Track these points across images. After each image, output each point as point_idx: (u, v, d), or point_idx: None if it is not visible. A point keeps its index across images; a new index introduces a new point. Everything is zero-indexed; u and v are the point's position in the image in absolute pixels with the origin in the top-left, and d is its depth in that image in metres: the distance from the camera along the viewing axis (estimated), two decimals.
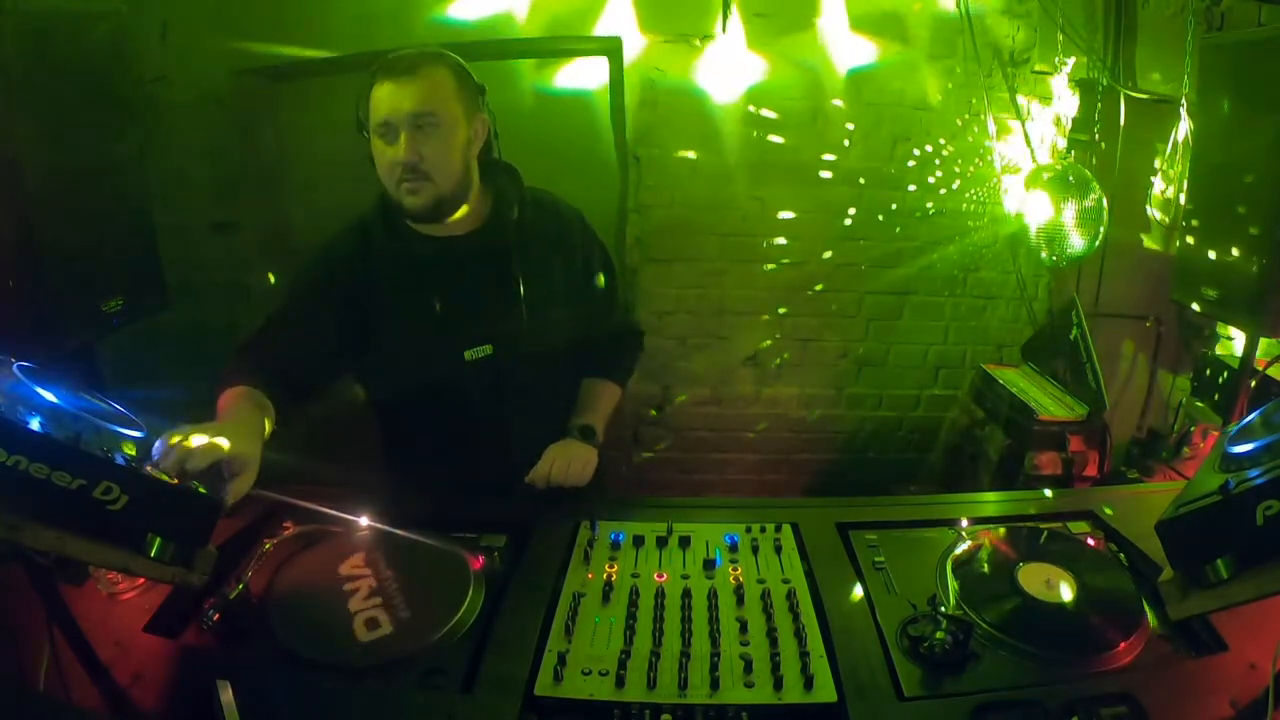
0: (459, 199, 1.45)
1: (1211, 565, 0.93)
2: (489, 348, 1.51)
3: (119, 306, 1.81)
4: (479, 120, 1.45)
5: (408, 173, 1.38)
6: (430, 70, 1.37)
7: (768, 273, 3.08)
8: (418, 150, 1.36)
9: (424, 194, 1.40)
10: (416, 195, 1.39)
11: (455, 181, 1.42)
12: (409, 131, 1.36)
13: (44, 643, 0.95)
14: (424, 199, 1.40)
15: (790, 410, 3.27)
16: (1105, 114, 2.78)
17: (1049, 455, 2.48)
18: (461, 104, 1.41)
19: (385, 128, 1.37)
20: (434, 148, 1.37)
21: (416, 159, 1.36)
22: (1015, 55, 2.89)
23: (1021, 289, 3.13)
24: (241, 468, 1.08)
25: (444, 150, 1.38)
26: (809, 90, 2.89)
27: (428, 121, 1.36)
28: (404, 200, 1.41)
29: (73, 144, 1.71)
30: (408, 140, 1.36)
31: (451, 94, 1.39)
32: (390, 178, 1.40)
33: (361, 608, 1.14)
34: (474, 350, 1.51)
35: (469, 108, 1.43)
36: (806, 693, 1.00)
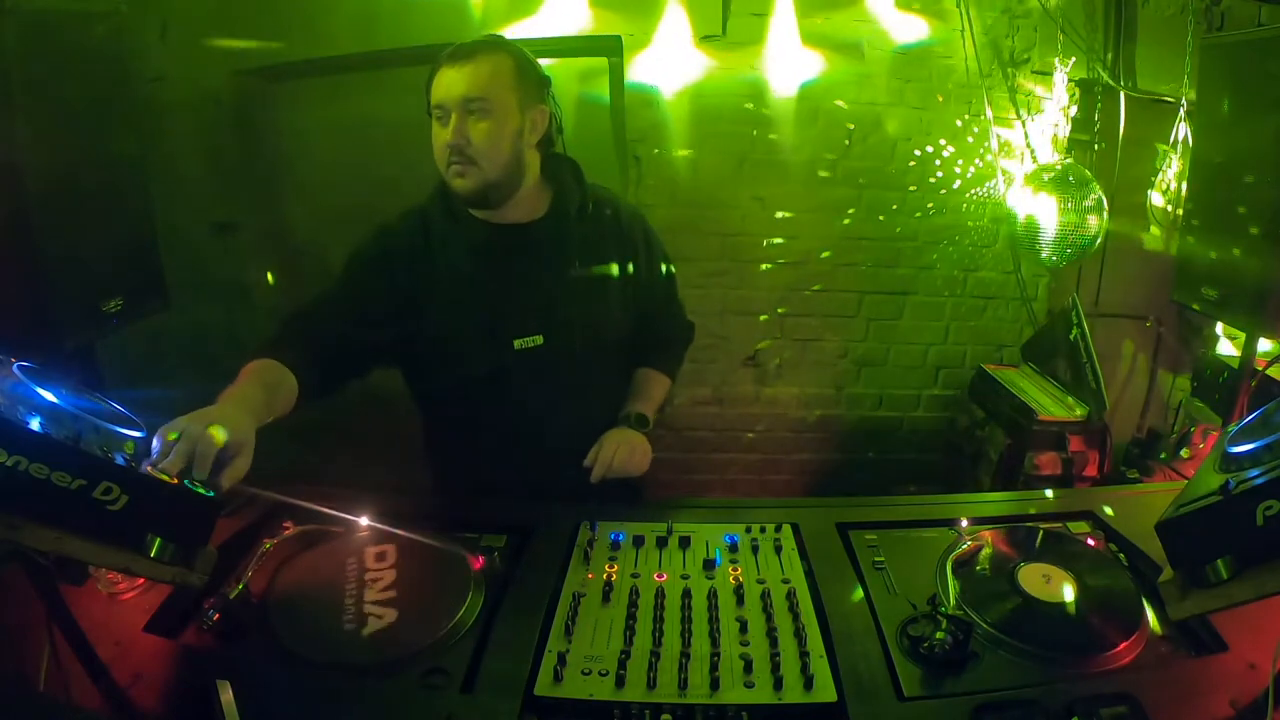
0: (509, 186, 1.46)
1: (1211, 565, 0.93)
2: (539, 338, 1.51)
3: (119, 306, 1.81)
4: (537, 111, 1.46)
5: (455, 155, 1.40)
6: (487, 57, 1.39)
7: (767, 273, 3.08)
8: (465, 134, 1.39)
9: (470, 178, 1.41)
10: (463, 178, 1.41)
11: (503, 168, 1.43)
12: (459, 115, 1.38)
13: (44, 643, 0.95)
14: (471, 182, 1.41)
15: (790, 410, 3.27)
16: (1105, 114, 2.78)
17: (1049, 455, 2.48)
18: (516, 93, 1.42)
19: (439, 110, 1.40)
20: (482, 133, 1.39)
21: (464, 142, 1.39)
22: (1015, 55, 2.89)
23: (1021, 289, 3.13)
24: (236, 451, 1.07)
25: (493, 136, 1.40)
26: (809, 90, 2.89)
27: (479, 107, 1.38)
28: (452, 183, 1.43)
29: (73, 144, 1.71)
30: (457, 123, 1.38)
31: (507, 82, 1.40)
32: (441, 160, 1.42)
33: (361, 608, 1.14)
34: (524, 339, 1.51)
35: (525, 97, 1.43)
36: (806, 693, 1.00)
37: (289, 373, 1.33)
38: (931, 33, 2.87)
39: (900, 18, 2.85)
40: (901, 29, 2.86)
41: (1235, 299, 2.02)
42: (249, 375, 1.29)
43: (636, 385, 1.71)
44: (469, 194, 1.43)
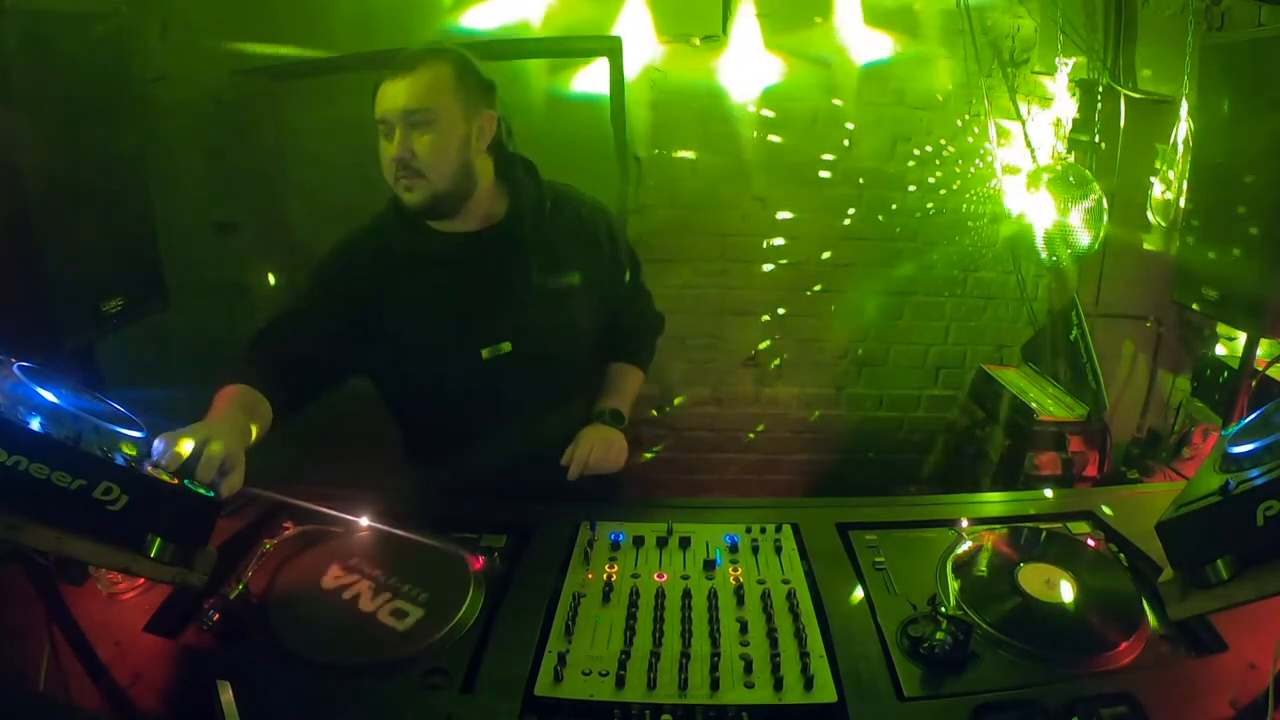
0: (459, 196, 1.44)
1: (1211, 565, 0.93)
2: (507, 345, 1.50)
3: (119, 306, 1.81)
4: (483, 117, 1.43)
5: (402, 169, 1.38)
6: (428, 67, 1.37)
7: (767, 273, 3.08)
8: (410, 147, 1.36)
9: (419, 190, 1.39)
10: (412, 192, 1.40)
11: (451, 179, 1.41)
12: (403, 128, 1.36)
13: (44, 643, 0.95)
14: (419, 195, 1.40)
15: (790, 410, 3.27)
16: (1105, 114, 2.78)
17: (1049, 455, 2.48)
18: (460, 101, 1.39)
19: (383, 124, 1.38)
20: (427, 145, 1.37)
21: (408, 155, 1.37)
22: (1015, 55, 2.89)
23: (1021, 289, 3.13)
24: (232, 465, 1.07)
25: (438, 147, 1.38)
26: (809, 90, 2.89)
27: (421, 118, 1.36)
28: (402, 196, 1.41)
29: (73, 144, 1.71)
30: (401, 137, 1.36)
31: (448, 90, 1.38)
32: (389, 174, 1.41)
33: (361, 608, 1.14)
34: (492, 348, 1.49)
35: (470, 104, 1.41)
36: (806, 693, 1.00)
37: (262, 396, 1.32)
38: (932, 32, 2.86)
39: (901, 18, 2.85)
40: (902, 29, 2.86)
41: (1235, 299, 2.02)
42: (228, 401, 1.28)
43: (609, 381, 1.70)
44: (418, 207, 1.41)
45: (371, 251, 1.49)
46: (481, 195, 1.47)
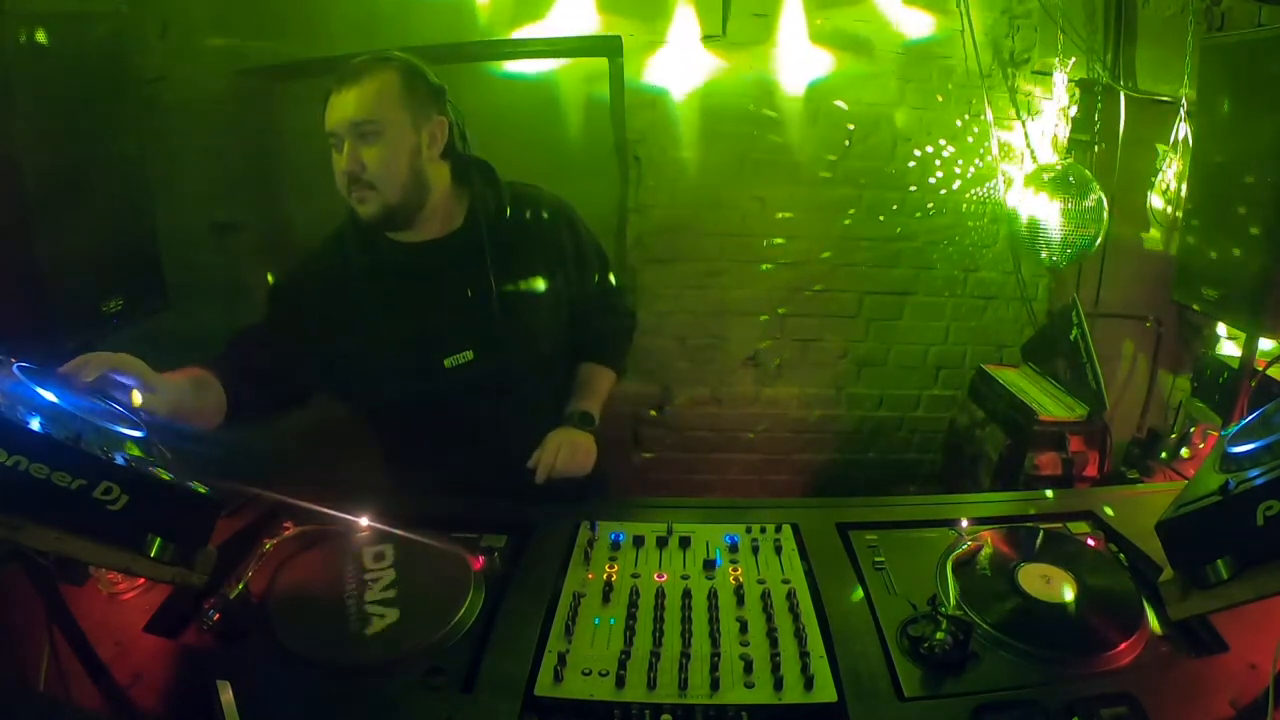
0: (413, 205, 1.42)
1: (1211, 565, 0.93)
2: (469, 354, 1.48)
3: (119, 306, 1.81)
4: (434, 123, 1.41)
5: (353, 183, 1.37)
6: (374, 77, 1.35)
7: (767, 272, 3.08)
8: (359, 160, 1.35)
9: (371, 203, 1.38)
10: (365, 204, 1.38)
11: (403, 189, 1.39)
12: (352, 140, 1.34)
13: (44, 643, 0.95)
14: (372, 208, 1.38)
15: (790, 410, 3.27)
16: (1105, 114, 2.78)
17: (1049, 455, 2.48)
18: (409, 109, 1.37)
19: (333, 137, 1.37)
20: (376, 157, 1.35)
21: (358, 168, 1.35)
22: (1015, 55, 2.89)
23: (1021, 289, 3.13)
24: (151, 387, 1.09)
25: (387, 159, 1.36)
26: (809, 90, 2.89)
27: (369, 130, 1.34)
28: (356, 209, 1.40)
29: (73, 144, 1.71)
30: (350, 150, 1.35)
31: (395, 100, 1.36)
32: (341, 187, 1.39)
33: (361, 608, 1.14)
34: (454, 357, 1.47)
35: (419, 112, 1.39)
36: (806, 693, 1.00)
37: (220, 386, 1.32)
38: (931, 33, 2.86)
39: (900, 18, 2.85)
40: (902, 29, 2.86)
41: (1235, 299, 2.02)
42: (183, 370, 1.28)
43: (580, 382, 1.67)
44: (372, 219, 1.39)
45: (328, 267, 1.48)
46: (438, 202, 1.45)
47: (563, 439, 1.50)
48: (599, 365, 1.72)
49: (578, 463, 1.49)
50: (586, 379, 1.68)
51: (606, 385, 1.70)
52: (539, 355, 1.57)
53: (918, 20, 2.85)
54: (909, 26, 2.86)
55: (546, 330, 1.57)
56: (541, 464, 1.46)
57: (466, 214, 1.49)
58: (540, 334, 1.56)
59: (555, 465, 1.46)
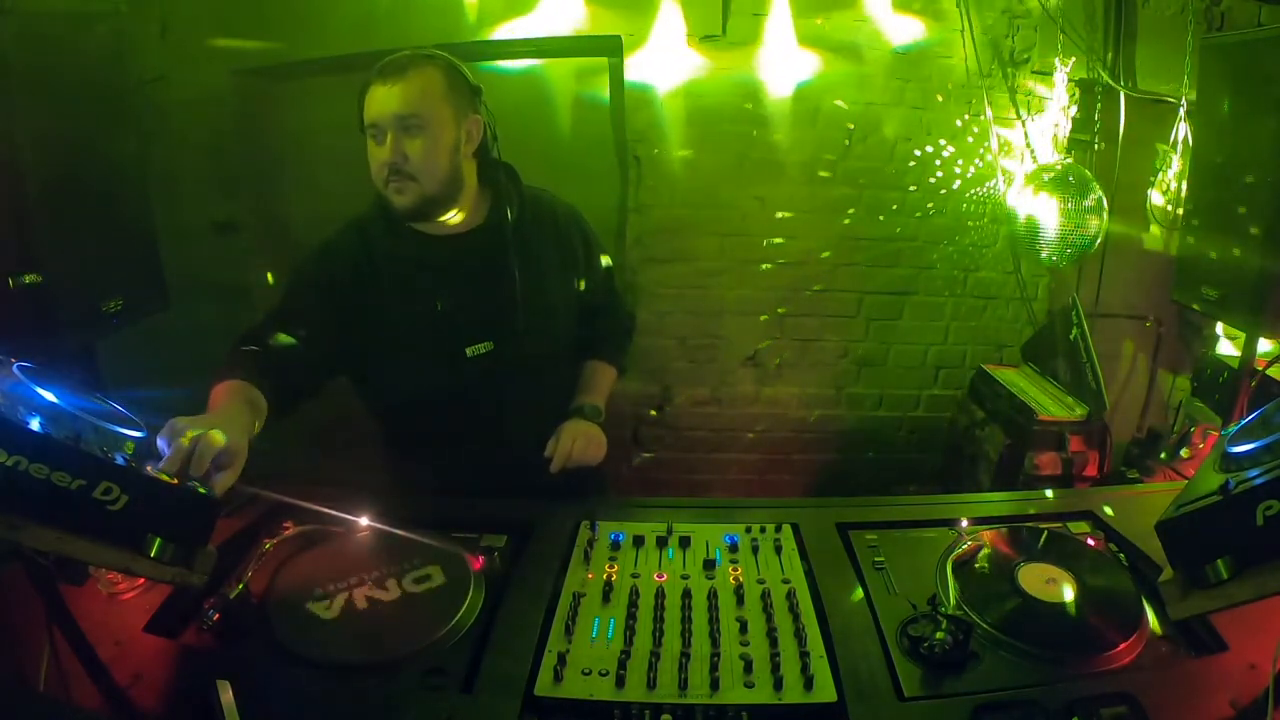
0: (448, 199, 1.47)
1: (1211, 565, 0.93)
2: (489, 344, 1.53)
3: (119, 306, 1.81)
4: (471, 121, 1.46)
5: (393, 174, 1.40)
6: (418, 72, 1.39)
7: (767, 272, 3.08)
8: (402, 151, 1.39)
9: (409, 194, 1.42)
10: (402, 195, 1.42)
11: (441, 182, 1.44)
12: (395, 133, 1.39)
13: (44, 643, 0.95)
14: (410, 199, 1.42)
15: (790, 410, 3.27)
16: (1105, 114, 2.78)
17: (1049, 455, 2.48)
18: (450, 105, 1.42)
19: (374, 129, 1.40)
20: (419, 149, 1.40)
21: (401, 160, 1.39)
22: (1015, 55, 2.89)
23: (1021, 289, 3.13)
24: (230, 460, 1.08)
25: (429, 152, 1.40)
26: (809, 90, 2.89)
27: (413, 123, 1.38)
28: (392, 199, 1.43)
29: (73, 144, 1.71)
30: (393, 141, 1.39)
31: (439, 96, 1.41)
32: (379, 177, 1.43)
33: (362, 608, 1.14)
34: (475, 347, 1.52)
35: (459, 109, 1.44)
36: (806, 693, 1.00)
37: (257, 390, 1.33)
38: (931, 33, 2.87)
39: (900, 18, 2.85)
40: (902, 29, 2.86)
41: (1235, 299, 2.01)
42: (228, 394, 1.29)
43: (585, 377, 1.73)
44: (408, 210, 1.44)
45: (353, 253, 1.51)
46: (465, 198, 1.51)
47: (576, 430, 1.57)
48: (602, 362, 1.78)
49: (591, 453, 1.56)
50: (591, 375, 1.74)
51: (609, 381, 1.77)
52: (551, 349, 1.64)
53: (917, 21, 2.85)
54: (909, 27, 2.86)
55: (560, 325, 1.65)
56: (558, 453, 1.52)
57: (489, 211, 1.55)
58: (554, 328, 1.63)
59: (571, 454, 1.53)
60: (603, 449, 1.60)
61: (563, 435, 1.56)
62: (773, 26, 2.81)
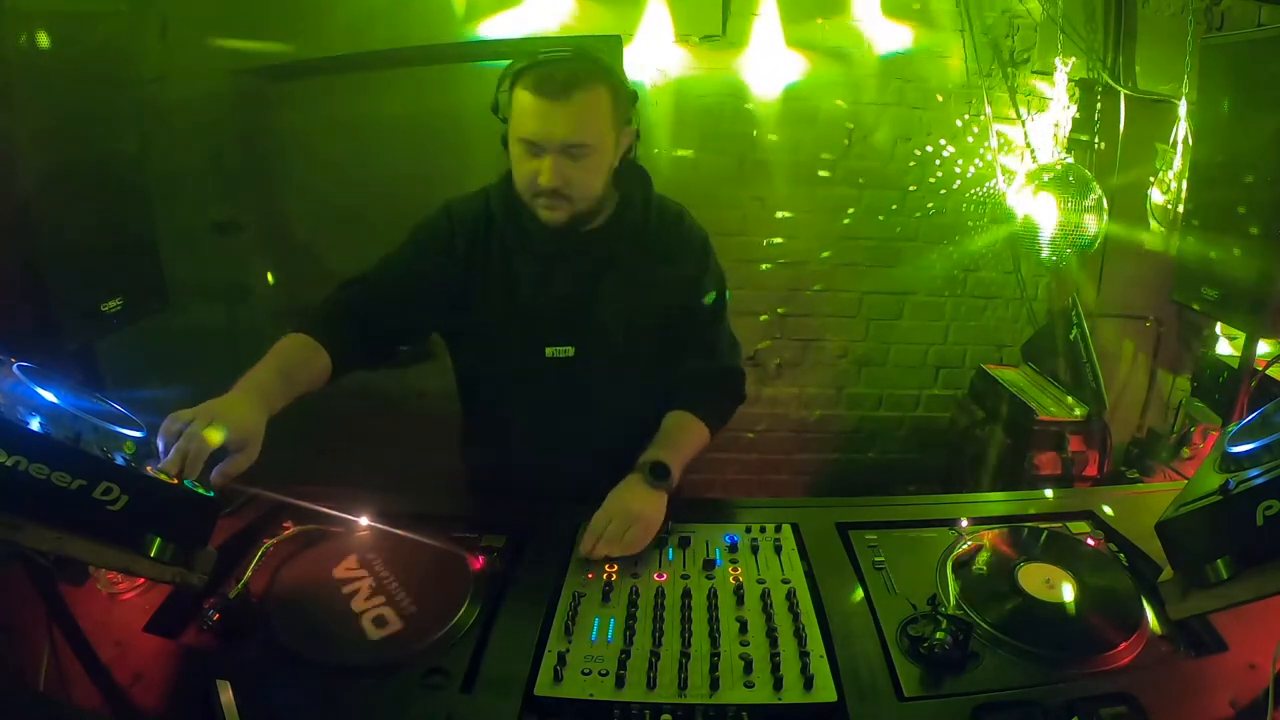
0: (595, 213, 1.43)
1: (1211, 565, 0.93)
2: (571, 348, 1.47)
3: (119, 306, 1.81)
4: (627, 133, 1.41)
5: (549, 195, 1.34)
6: (586, 94, 1.29)
7: (767, 273, 3.08)
8: (564, 176, 1.32)
9: (562, 211, 1.36)
10: (554, 212, 1.36)
11: (594, 200, 1.39)
12: (556, 156, 1.30)
13: (44, 643, 0.95)
14: (561, 216, 1.36)
15: (790, 410, 3.27)
16: (1105, 114, 2.78)
17: (1049, 455, 2.48)
18: (614, 126, 1.36)
19: (531, 146, 1.32)
20: (582, 174, 1.33)
21: (562, 184, 1.32)
22: (1015, 55, 2.90)
23: (1021, 289, 3.13)
24: (239, 446, 1.07)
25: (590, 176, 1.35)
26: (809, 90, 2.89)
27: (580, 151, 1.31)
28: (540, 213, 1.37)
29: (73, 144, 1.71)
30: (554, 166, 1.31)
31: (606, 119, 1.33)
32: (527, 190, 1.36)
33: (362, 608, 1.14)
34: (556, 348, 1.46)
35: (620, 125, 1.37)
36: (806, 693, 1.00)
37: (321, 350, 1.31)
38: (931, 33, 2.87)
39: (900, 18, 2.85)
40: (902, 30, 2.86)
41: (1235, 299, 2.02)
42: (274, 356, 1.28)
43: (665, 428, 1.48)
44: (557, 226, 1.37)
45: (474, 223, 1.46)
46: None
47: (617, 508, 1.30)
48: (691, 415, 1.51)
49: (630, 541, 1.26)
50: (671, 427, 1.49)
51: (693, 441, 1.49)
52: (636, 368, 1.52)
53: (917, 22, 2.85)
54: (909, 28, 2.86)
55: (649, 345, 1.52)
56: (590, 531, 1.27)
57: (612, 213, 1.47)
58: (644, 349, 1.51)
59: (605, 537, 1.25)
60: (649, 533, 1.28)
61: (604, 509, 1.30)
62: (773, 27, 2.81)
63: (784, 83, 2.87)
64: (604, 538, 1.26)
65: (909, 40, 2.87)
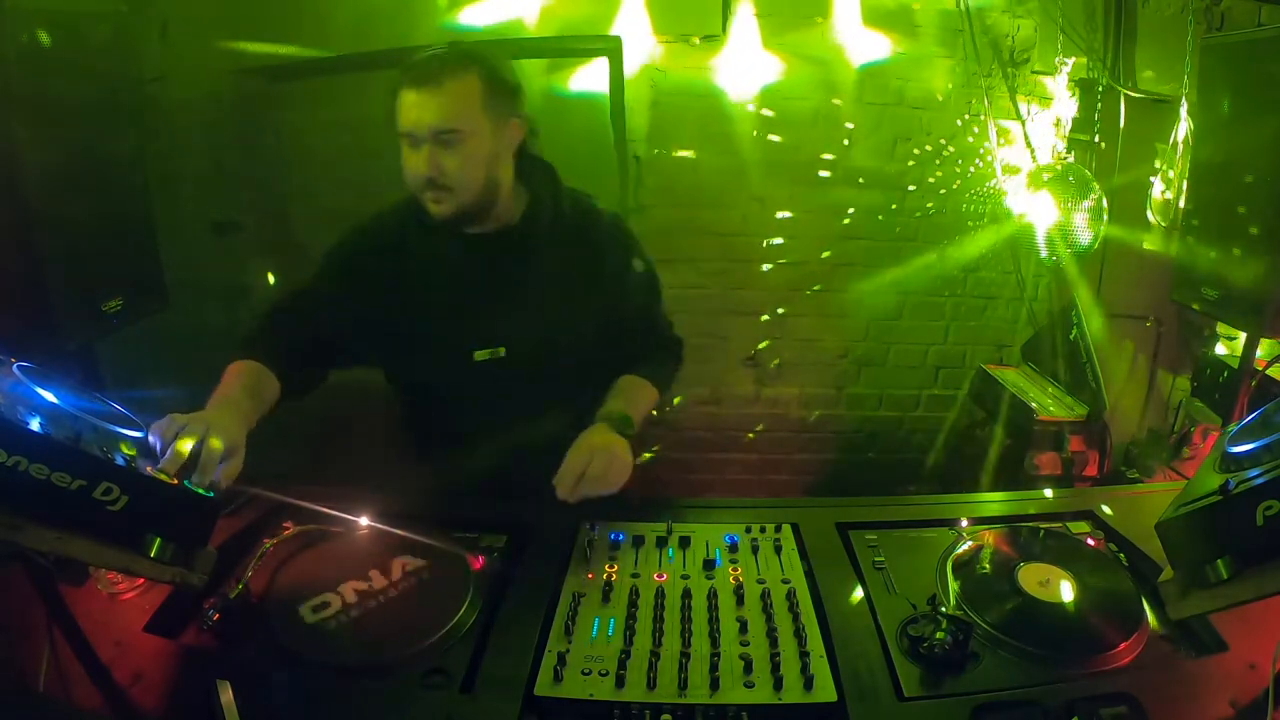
0: (485, 206, 1.43)
1: (1211, 565, 0.93)
2: (501, 350, 1.48)
3: (119, 306, 1.81)
4: (511, 125, 1.41)
5: (429, 185, 1.36)
6: (456, 80, 1.32)
7: (767, 272, 3.08)
8: (439, 165, 1.34)
9: (446, 204, 1.38)
10: (439, 205, 1.38)
11: (479, 193, 1.39)
12: (431, 145, 1.33)
13: (44, 643, 0.95)
14: (447, 209, 1.38)
15: (790, 410, 3.27)
16: (1105, 114, 2.78)
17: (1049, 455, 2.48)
18: (490, 114, 1.36)
19: (409, 137, 1.34)
20: (457, 162, 1.34)
21: (437, 173, 1.34)
22: (1015, 55, 2.89)
23: (1021, 289, 3.13)
24: (230, 455, 1.09)
25: (467, 164, 1.35)
26: (809, 90, 2.89)
27: (451, 138, 1.33)
28: (428, 208, 1.39)
29: (73, 144, 1.71)
30: (430, 154, 1.33)
31: (478, 105, 1.34)
32: (414, 185, 1.38)
33: (362, 608, 1.14)
34: (485, 350, 1.48)
35: (499, 115, 1.37)
36: (806, 693, 1.00)
37: (271, 374, 1.34)
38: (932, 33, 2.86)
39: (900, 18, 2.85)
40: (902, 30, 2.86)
41: (1235, 299, 2.01)
42: (233, 378, 1.30)
43: (617, 388, 1.54)
44: (444, 219, 1.39)
45: (387, 240, 1.48)
46: (502, 198, 1.46)
47: (596, 443, 1.34)
48: (639, 378, 1.59)
49: (612, 475, 1.31)
50: (625, 386, 1.55)
51: (646, 398, 1.56)
52: (569, 362, 1.54)
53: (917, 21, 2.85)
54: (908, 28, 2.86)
55: (580, 339, 1.54)
56: (566, 472, 1.30)
57: (524, 212, 1.49)
58: (573, 341, 1.53)
59: (587, 475, 1.29)
60: (626, 470, 1.34)
61: (577, 449, 1.33)
62: (773, 26, 2.81)
63: (785, 83, 2.87)
64: (587, 476, 1.29)
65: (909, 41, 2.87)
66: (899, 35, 2.87)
